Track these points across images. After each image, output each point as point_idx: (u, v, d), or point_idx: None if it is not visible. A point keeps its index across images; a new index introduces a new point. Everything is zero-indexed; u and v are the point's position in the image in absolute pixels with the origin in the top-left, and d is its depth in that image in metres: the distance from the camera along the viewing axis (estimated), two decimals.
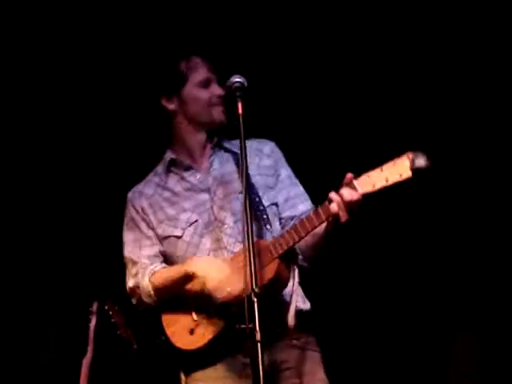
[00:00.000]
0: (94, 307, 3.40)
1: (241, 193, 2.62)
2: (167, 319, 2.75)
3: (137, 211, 2.82)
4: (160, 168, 2.88)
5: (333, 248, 2.68)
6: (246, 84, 2.64)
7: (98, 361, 3.27)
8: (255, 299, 2.35)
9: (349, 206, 2.47)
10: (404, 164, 2.37)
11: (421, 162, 2.35)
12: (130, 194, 2.87)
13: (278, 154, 2.88)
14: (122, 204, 2.90)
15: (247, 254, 2.41)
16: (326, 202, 2.52)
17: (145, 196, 2.83)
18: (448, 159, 4.23)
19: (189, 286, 2.68)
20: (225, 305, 2.62)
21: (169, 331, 2.73)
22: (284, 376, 2.64)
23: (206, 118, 2.79)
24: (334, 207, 2.48)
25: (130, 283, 2.80)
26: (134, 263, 2.80)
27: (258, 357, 2.30)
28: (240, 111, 2.58)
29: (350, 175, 2.48)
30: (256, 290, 2.35)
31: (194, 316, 2.69)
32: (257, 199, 2.72)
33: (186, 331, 2.69)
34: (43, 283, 4.36)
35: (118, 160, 4.15)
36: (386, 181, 2.41)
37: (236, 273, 2.57)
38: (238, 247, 2.67)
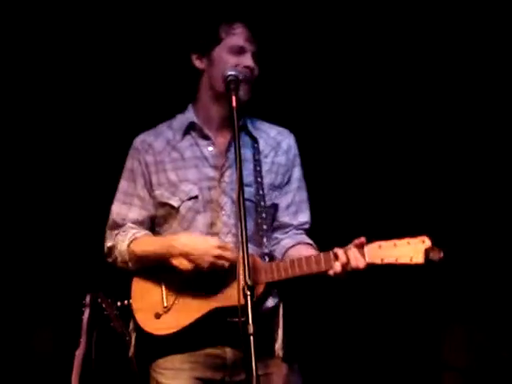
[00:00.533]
0: (87, 299, 3.40)
1: (247, 185, 2.62)
2: (137, 290, 2.70)
3: (140, 164, 2.74)
4: (176, 123, 2.78)
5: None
6: (240, 77, 2.63)
7: (90, 353, 3.27)
8: (248, 292, 2.35)
9: (351, 270, 2.50)
10: (418, 249, 2.43)
11: (435, 256, 2.44)
12: (137, 142, 2.78)
13: (295, 150, 2.83)
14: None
15: (241, 249, 2.40)
16: (331, 255, 2.53)
17: (153, 150, 2.74)
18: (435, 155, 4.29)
19: (176, 263, 2.62)
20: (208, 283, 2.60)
21: (135, 305, 2.68)
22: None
23: (220, 86, 2.67)
24: (337, 267, 2.51)
25: (109, 243, 2.75)
26: (118, 225, 2.74)
27: (250, 350, 2.30)
28: (234, 104, 2.57)
29: (362, 239, 2.51)
30: (249, 283, 2.36)
31: (165, 300, 2.64)
32: (260, 197, 2.70)
33: (151, 313, 2.65)
34: (36, 275, 4.35)
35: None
36: (396, 260, 2.46)
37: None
38: (230, 238, 2.66)
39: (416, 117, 4.39)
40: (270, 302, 2.72)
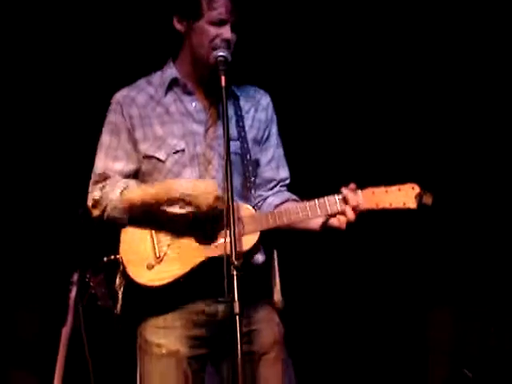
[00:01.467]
0: (75, 277, 3.40)
1: (232, 139, 2.63)
2: (126, 242, 2.67)
3: (123, 117, 2.72)
4: (156, 80, 2.78)
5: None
6: (229, 58, 2.63)
7: (77, 330, 3.28)
8: (235, 272, 2.35)
9: (356, 211, 2.53)
10: (409, 194, 2.50)
11: (427, 200, 2.51)
12: (119, 96, 2.76)
13: (272, 108, 2.87)
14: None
15: (229, 223, 2.40)
16: (336, 199, 2.55)
17: (136, 104, 2.73)
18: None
19: (173, 210, 2.59)
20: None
21: (125, 257, 2.64)
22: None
23: (203, 56, 2.68)
24: (350, 213, 2.53)
25: (96, 194, 2.69)
26: (105, 176, 2.71)
27: (236, 329, 2.31)
28: (223, 84, 2.56)
29: (353, 185, 2.54)
30: (236, 263, 2.37)
31: (157, 250, 2.62)
32: (245, 150, 2.71)
33: (143, 265, 2.61)
34: (23, 253, 4.35)
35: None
36: (390, 204, 2.52)
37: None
38: (219, 192, 2.61)
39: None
40: (260, 258, 2.71)
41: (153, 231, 2.65)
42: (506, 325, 4.44)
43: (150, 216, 2.63)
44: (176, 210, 2.58)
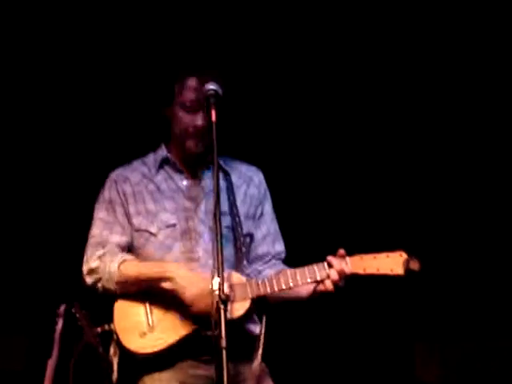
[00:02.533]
0: (61, 309, 3.38)
1: (223, 214, 2.69)
2: (120, 311, 2.72)
3: (118, 193, 2.80)
4: (150, 160, 2.87)
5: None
6: (220, 92, 2.67)
7: (63, 363, 3.26)
8: (222, 306, 2.38)
9: (344, 277, 2.59)
10: (396, 260, 2.59)
11: (415, 266, 2.60)
12: (113, 175, 2.85)
13: (265, 185, 2.94)
14: (89, 205, 2.87)
15: (217, 262, 2.44)
16: (325, 264, 2.62)
17: (130, 182, 2.82)
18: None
19: (162, 286, 2.66)
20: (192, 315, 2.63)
21: (118, 326, 2.69)
22: None
23: (181, 143, 2.79)
24: (334, 275, 2.60)
25: (93, 264, 2.75)
26: (102, 245, 2.76)
27: (222, 363, 2.33)
28: (213, 119, 2.61)
29: (342, 251, 2.62)
30: (223, 296, 2.38)
31: (150, 318, 2.67)
32: (237, 224, 2.77)
33: (136, 333, 2.67)
34: (9, 284, 4.33)
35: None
36: (377, 270, 2.61)
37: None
38: (211, 265, 2.65)
39: (386, 132, 4.44)
40: (257, 329, 2.76)
41: (146, 303, 2.71)
42: (493, 359, 4.45)
43: (143, 290, 2.71)
44: (166, 285, 2.66)
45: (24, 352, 4.34)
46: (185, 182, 2.83)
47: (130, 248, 2.80)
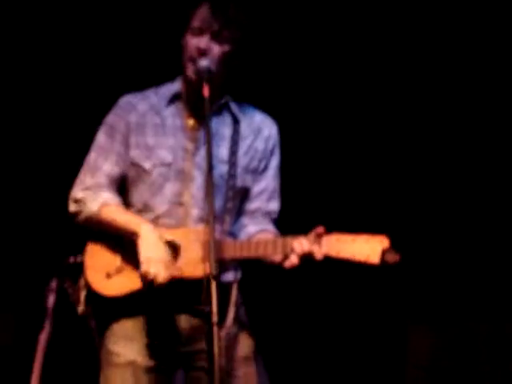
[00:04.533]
0: (53, 284, 3.38)
1: (221, 162, 2.68)
2: (92, 248, 2.71)
3: (121, 121, 2.76)
4: (163, 91, 2.81)
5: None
6: (212, 68, 2.64)
7: (55, 338, 3.26)
8: (213, 281, 2.38)
9: (307, 258, 2.53)
10: (375, 248, 2.44)
11: (392, 258, 2.45)
12: (122, 101, 2.80)
13: (276, 139, 2.86)
14: None
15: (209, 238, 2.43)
16: (288, 241, 2.55)
17: (136, 112, 2.76)
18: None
19: (132, 240, 2.63)
20: None
21: (87, 262, 2.69)
22: None
23: (184, 70, 2.71)
24: (293, 259, 2.54)
25: (79, 194, 2.74)
26: (93, 173, 2.74)
27: (214, 339, 2.33)
28: (206, 94, 2.58)
29: (321, 229, 2.52)
30: (214, 272, 2.38)
31: (118, 260, 2.66)
32: (231, 177, 2.72)
33: (102, 272, 2.66)
34: (1, 259, 4.33)
35: None
36: (352, 256, 2.47)
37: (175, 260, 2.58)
38: (196, 211, 2.67)
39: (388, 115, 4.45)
40: (227, 277, 2.73)
41: (118, 245, 2.69)
42: (485, 342, 4.46)
43: (117, 236, 2.69)
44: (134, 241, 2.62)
45: (14, 327, 4.34)
46: (191, 122, 2.76)
47: (124, 179, 2.76)
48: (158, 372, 2.68)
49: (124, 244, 2.69)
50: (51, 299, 3.31)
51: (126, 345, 2.66)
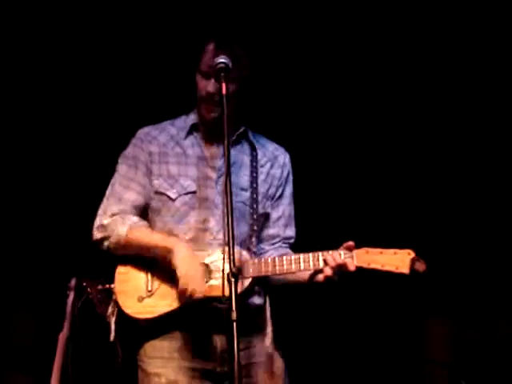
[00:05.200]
0: (72, 283, 3.39)
1: (242, 189, 2.74)
2: (121, 273, 2.74)
3: (143, 152, 2.79)
4: (180, 123, 2.85)
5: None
6: (230, 65, 2.65)
7: (74, 337, 3.28)
8: (233, 279, 2.37)
9: (341, 273, 2.60)
10: (404, 259, 2.57)
11: (420, 267, 2.58)
12: (141, 133, 2.83)
13: (289, 168, 2.93)
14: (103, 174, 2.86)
15: (228, 236, 2.42)
16: (319, 255, 2.61)
17: (157, 142, 2.80)
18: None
19: (164, 260, 2.67)
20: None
21: (118, 288, 2.71)
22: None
23: (199, 109, 2.79)
24: (327, 271, 2.60)
25: (105, 220, 2.76)
26: (118, 201, 2.77)
27: (233, 336, 2.32)
28: (224, 92, 2.59)
29: (351, 243, 2.61)
30: (234, 270, 2.38)
31: (149, 284, 2.68)
32: (254, 202, 2.77)
33: (134, 297, 2.68)
34: (21, 259, 4.35)
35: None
36: (382, 266, 2.59)
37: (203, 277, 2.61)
38: (221, 236, 2.68)
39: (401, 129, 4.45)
40: (258, 300, 2.76)
41: (148, 268, 2.72)
42: (503, 335, 4.45)
43: (146, 258, 2.71)
44: (168, 260, 2.65)
45: (35, 326, 4.37)
46: (211, 151, 2.81)
47: (146, 208, 2.79)
48: None
49: (153, 267, 2.71)
50: (70, 298, 3.33)
51: (165, 365, 2.68)
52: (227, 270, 2.39)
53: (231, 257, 2.40)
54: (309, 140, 4.39)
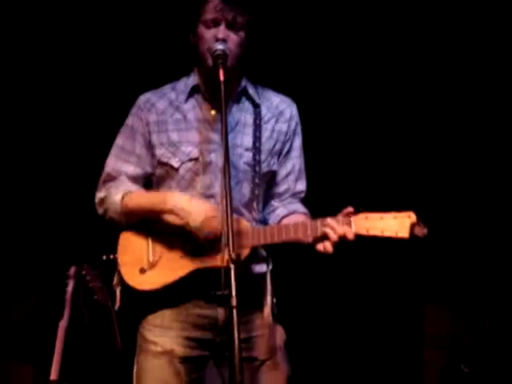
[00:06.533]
0: (72, 271, 3.40)
1: (247, 149, 2.67)
2: (123, 244, 2.71)
3: (141, 122, 2.73)
4: (180, 86, 2.78)
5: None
6: (227, 52, 2.63)
7: (74, 325, 3.29)
8: (232, 266, 2.35)
9: (338, 241, 2.53)
10: (403, 223, 2.48)
11: (420, 231, 2.49)
12: (140, 101, 2.77)
13: (297, 119, 2.83)
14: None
15: (226, 222, 2.39)
16: (318, 223, 2.55)
17: (156, 110, 2.74)
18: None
19: (165, 219, 2.63)
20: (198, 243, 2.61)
21: (121, 259, 2.68)
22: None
23: (206, 64, 2.68)
24: (327, 247, 2.54)
25: (101, 193, 2.74)
26: (112, 177, 2.74)
27: (233, 323, 2.30)
28: (222, 78, 2.55)
29: (350, 209, 2.53)
30: (233, 256, 2.37)
31: (151, 255, 2.66)
32: (256, 162, 2.70)
33: (136, 268, 2.65)
34: (21, 247, 4.35)
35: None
36: (381, 232, 2.50)
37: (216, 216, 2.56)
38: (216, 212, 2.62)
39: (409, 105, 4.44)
40: (260, 268, 2.73)
41: (149, 238, 2.68)
42: (502, 319, 4.46)
43: (147, 222, 2.68)
44: (170, 218, 2.62)
45: (35, 314, 4.37)
46: (213, 112, 2.72)
47: (147, 179, 2.76)
48: (193, 362, 2.68)
49: (154, 234, 2.68)
50: (70, 286, 3.34)
51: (163, 334, 2.66)
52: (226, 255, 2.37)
53: (231, 242, 2.37)
54: (314, 95, 4.32)
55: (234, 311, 2.31)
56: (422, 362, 4.58)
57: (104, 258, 2.74)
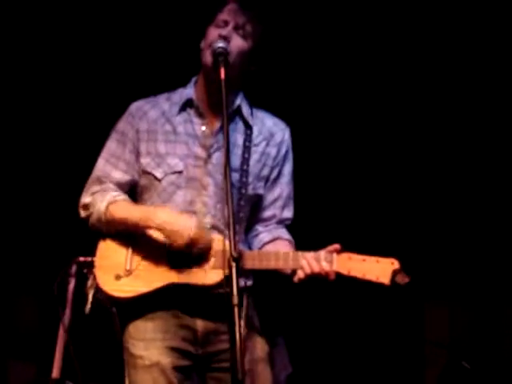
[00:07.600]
0: (73, 269, 3.40)
1: (234, 170, 2.64)
2: (102, 248, 2.69)
3: (132, 128, 2.73)
4: (175, 97, 2.78)
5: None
6: (228, 49, 2.62)
7: (75, 322, 3.29)
8: (234, 264, 2.36)
9: (318, 276, 2.53)
10: (385, 269, 2.48)
11: (401, 279, 2.49)
12: (133, 107, 2.77)
13: (288, 144, 2.81)
14: None
15: (229, 221, 2.40)
16: (299, 255, 2.55)
17: (147, 119, 2.73)
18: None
19: (149, 235, 2.62)
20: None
21: (98, 262, 2.67)
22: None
23: (204, 58, 2.67)
24: (300, 275, 2.54)
25: (86, 199, 2.73)
26: (101, 181, 2.73)
27: (234, 320, 2.31)
28: (222, 76, 2.56)
29: (336, 246, 2.53)
30: (234, 255, 2.37)
31: (128, 263, 2.64)
32: (242, 184, 2.69)
33: (112, 274, 2.64)
34: (22, 245, 4.36)
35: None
36: (363, 275, 2.49)
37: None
38: (208, 219, 2.65)
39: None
40: (241, 283, 2.69)
41: (130, 246, 2.67)
42: (503, 318, 4.46)
43: (128, 234, 2.67)
44: (154, 234, 2.61)
45: (37, 312, 4.38)
46: (203, 128, 2.72)
47: (134, 187, 2.75)
48: (181, 371, 2.67)
49: (135, 244, 2.67)
50: (71, 284, 3.34)
51: (147, 347, 2.64)
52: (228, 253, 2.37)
53: (232, 240, 2.38)
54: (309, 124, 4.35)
55: (236, 309, 2.31)
56: (424, 360, 4.59)
57: (81, 259, 2.72)
